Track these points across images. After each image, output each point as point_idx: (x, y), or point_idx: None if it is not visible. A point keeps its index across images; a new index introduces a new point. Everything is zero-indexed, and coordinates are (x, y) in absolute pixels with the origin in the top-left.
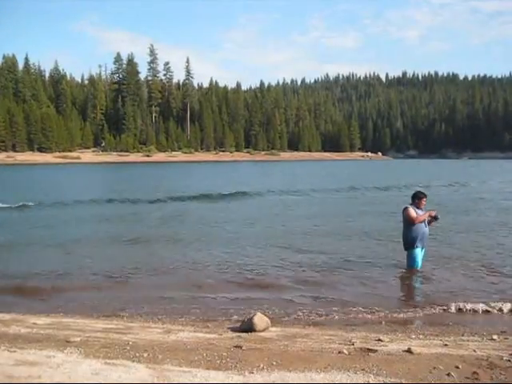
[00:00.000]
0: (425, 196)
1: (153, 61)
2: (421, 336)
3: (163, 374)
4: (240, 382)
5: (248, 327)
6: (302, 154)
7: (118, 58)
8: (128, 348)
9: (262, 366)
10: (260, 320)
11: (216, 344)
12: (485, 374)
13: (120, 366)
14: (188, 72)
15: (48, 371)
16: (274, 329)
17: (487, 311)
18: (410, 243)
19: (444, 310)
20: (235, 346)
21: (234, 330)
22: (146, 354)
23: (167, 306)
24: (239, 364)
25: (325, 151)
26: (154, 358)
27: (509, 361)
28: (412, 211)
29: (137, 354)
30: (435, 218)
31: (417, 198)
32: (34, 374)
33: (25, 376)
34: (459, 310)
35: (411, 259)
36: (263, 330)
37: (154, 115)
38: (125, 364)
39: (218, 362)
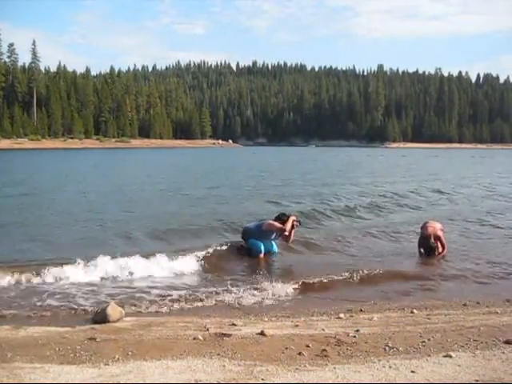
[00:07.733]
0: (288, 218)
1: None
2: (273, 318)
3: (14, 373)
4: (95, 375)
5: (101, 318)
6: (153, 141)
7: None
8: None
9: (117, 357)
10: (113, 310)
11: (69, 337)
12: (333, 350)
13: None
14: (34, 55)
15: None
16: (128, 318)
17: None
18: (253, 237)
19: (295, 290)
20: (89, 339)
21: (87, 321)
22: None
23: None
24: (94, 356)
25: (176, 139)
26: (2, 356)
27: (354, 336)
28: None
29: None
30: (299, 223)
31: (281, 220)
32: None
33: None
34: (309, 290)
35: (256, 247)
36: (117, 321)
37: None
38: None
39: (72, 355)
